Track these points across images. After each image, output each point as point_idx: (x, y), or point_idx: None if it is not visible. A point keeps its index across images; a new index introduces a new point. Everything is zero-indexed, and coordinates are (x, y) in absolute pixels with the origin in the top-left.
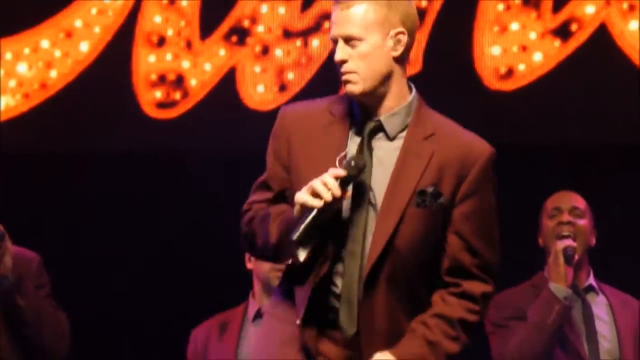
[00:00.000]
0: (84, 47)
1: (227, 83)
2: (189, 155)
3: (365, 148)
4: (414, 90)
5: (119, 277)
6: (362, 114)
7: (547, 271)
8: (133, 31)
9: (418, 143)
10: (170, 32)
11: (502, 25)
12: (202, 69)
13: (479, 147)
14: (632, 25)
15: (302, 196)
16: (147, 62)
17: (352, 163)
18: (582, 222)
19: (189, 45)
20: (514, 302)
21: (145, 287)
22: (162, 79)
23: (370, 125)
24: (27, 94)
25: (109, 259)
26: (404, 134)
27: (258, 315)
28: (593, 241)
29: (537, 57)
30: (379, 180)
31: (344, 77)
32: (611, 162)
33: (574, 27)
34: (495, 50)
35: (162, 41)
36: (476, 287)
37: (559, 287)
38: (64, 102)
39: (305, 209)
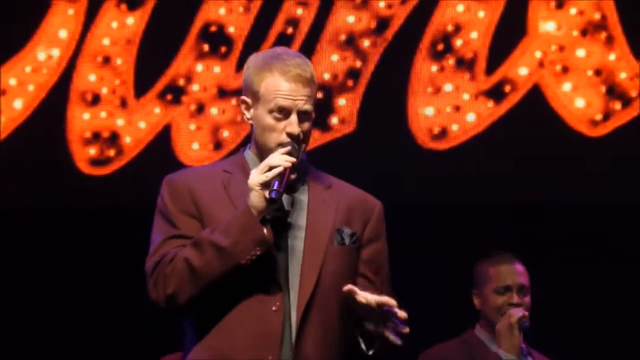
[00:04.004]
0: (18, 104)
1: (162, 140)
2: (123, 212)
3: None
4: None
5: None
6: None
7: (488, 336)
8: (67, 89)
9: (322, 192)
10: (104, 90)
11: (435, 86)
12: (136, 126)
13: (371, 198)
14: (565, 86)
15: (272, 159)
16: (81, 119)
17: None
18: (527, 299)
19: (123, 103)
20: (450, 357)
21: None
22: (96, 136)
23: None
24: None
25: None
26: (305, 187)
27: None
28: None
29: (471, 117)
30: (295, 224)
31: (292, 149)
32: (539, 220)
33: (507, 88)
34: (429, 111)
35: (96, 99)
36: None
37: (509, 356)
38: None
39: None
